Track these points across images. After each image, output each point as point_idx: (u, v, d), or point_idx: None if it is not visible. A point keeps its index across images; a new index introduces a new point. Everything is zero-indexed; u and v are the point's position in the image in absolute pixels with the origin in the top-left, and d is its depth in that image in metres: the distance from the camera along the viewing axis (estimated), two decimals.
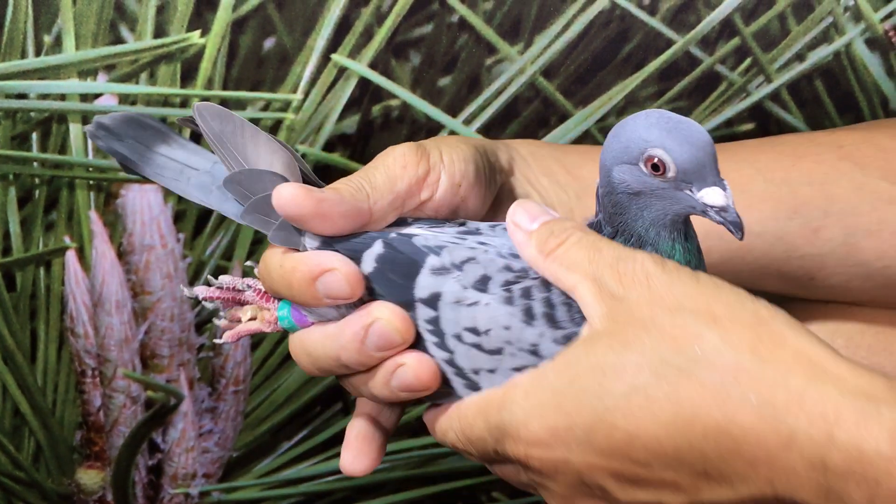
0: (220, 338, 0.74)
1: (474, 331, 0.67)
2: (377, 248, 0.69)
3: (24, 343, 1.11)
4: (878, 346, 0.81)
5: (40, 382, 1.12)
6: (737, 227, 0.65)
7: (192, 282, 1.11)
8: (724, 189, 0.65)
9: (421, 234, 0.70)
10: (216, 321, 0.74)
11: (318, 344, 0.70)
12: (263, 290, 0.73)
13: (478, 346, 0.68)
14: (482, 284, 0.67)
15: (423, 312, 0.68)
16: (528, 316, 0.67)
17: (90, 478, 1.14)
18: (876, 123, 0.85)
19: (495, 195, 0.74)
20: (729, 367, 0.60)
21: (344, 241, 0.70)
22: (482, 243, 0.69)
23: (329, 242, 0.70)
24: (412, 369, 0.67)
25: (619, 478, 0.63)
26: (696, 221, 0.70)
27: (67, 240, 1.10)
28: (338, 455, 1.15)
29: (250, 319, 0.73)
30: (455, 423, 0.69)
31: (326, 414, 1.15)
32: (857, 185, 0.79)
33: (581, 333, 0.65)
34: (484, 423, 0.66)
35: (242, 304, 0.74)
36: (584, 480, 0.64)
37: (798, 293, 0.82)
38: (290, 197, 0.67)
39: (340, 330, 0.69)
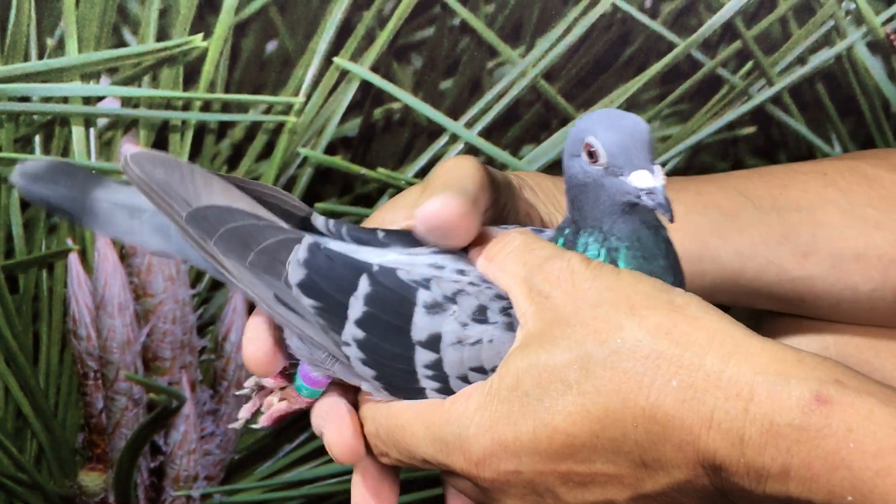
0: (258, 425, 0.73)
1: (480, 370, 0.67)
2: (363, 286, 0.67)
3: (26, 345, 1.11)
4: (865, 345, 0.84)
5: (42, 384, 1.12)
6: (664, 209, 0.65)
7: (193, 284, 1.11)
8: (653, 172, 0.65)
9: (399, 265, 0.68)
10: (237, 423, 0.73)
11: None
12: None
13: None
14: (481, 315, 0.67)
15: (423, 356, 0.67)
16: None
17: (92, 480, 1.14)
18: (859, 154, 0.88)
19: (506, 217, 0.76)
20: (650, 355, 0.62)
21: (330, 273, 0.67)
22: (460, 271, 0.68)
23: (311, 279, 0.66)
24: (329, 443, 0.70)
25: (567, 481, 0.65)
26: (688, 245, 0.72)
27: (70, 242, 1.10)
28: None
29: (281, 400, 0.72)
30: (382, 419, 0.69)
31: None
32: (843, 211, 0.82)
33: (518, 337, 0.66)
34: (424, 432, 0.67)
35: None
36: (536, 489, 0.65)
37: (791, 312, 0.84)
38: (442, 206, 0.67)
39: (314, 416, 0.72)
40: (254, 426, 0.72)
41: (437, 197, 0.67)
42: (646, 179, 0.65)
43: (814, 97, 1.12)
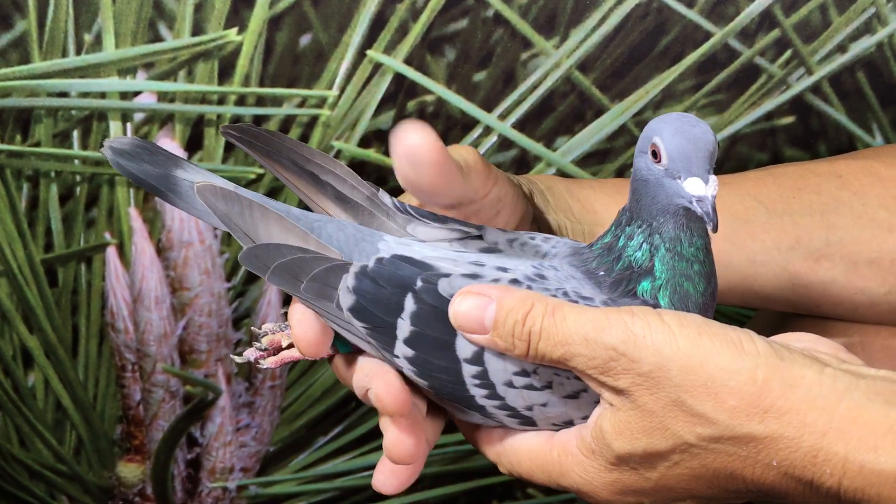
0: (262, 364, 0.74)
1: (523, 373, 0.69)
2: (409, 305, 0.69)
3: (65, 338, 1.12)
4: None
5: (81, 377, 1.13)
6: (709, 219, 0.67)
7: (228, 277, 1.12)
8: (706, 182, 0.67)
9: (444, 273, 0.70)
10: (249, 354, 0.74)
11: (341, 371, 0.73)
12: None
13: (529, 387, 0.69)
14: None
15: (469, 370, 0.69)
16: None
17: (130, 471, 1.15)
18: (873, 151, 0.87)
19: (519, 220, 0.77)
20: (750, 441, 0.66)
21: (377, 298, 0.70)
22: (501, 268, 0.70)
23: (360, 304, 0.69)
24: (378, 396, 0.70)
25: (698, 499, 0.70)
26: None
27: (108, 236, 1.11)
28: (373, 450, 1.15)
29: (290, 346, 0.74)
30: (505, 459, 0.72)
31: (362, 409, 1.15)
32: (856, 214, 0.82)
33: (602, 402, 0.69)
34: (540, 475, 0.70)
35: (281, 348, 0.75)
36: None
37: (810, 315, 0.85)
38: (419, 136, 0.68)
39: (351, 375, 0.72)
40: (259, 365, 0.73)
41: (414, 128, 0.68)
42: (698, 187, 0.67)
43: (854, 86, 1.10)
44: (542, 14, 1.08)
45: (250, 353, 0.74)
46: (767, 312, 0.88)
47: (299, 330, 0.71)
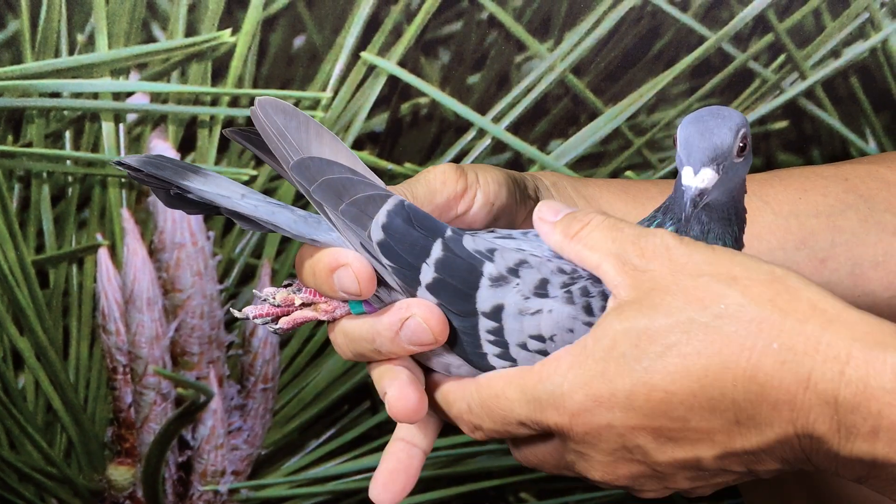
0: (274, 327, 0.74)
1: (539, 338, 0.70)
2: (436, 251, 0.71)
3: (56, 340, 1.12)
4: None
5: (72, 379, 1.13)
6: (682, 209, 0.68)
7: (221, 279, 1.12)
8: (696, 172, 0.68)
9: (470, 232, 0.72)
10: (249, 311, 0.74)
11: (356, 327, 0.73)
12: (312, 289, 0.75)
13: (542, 353, 0.70)
14: (542, 289, 0.70)
15: (486, 324, 0.70)
16: (589, 313, 0.70)
17: (121, 474, 1.15)
18: (880, 157, 0.88)
19: (524, 220, 0.78)
20: (752, 320, 0.65)
21: (405, 238, 0.71)
22: (519, 249, 0.72)
23: (389, 242, 0.71)
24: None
25: (659, 437, 0.67)
26: None
27: (100, 237, 1.11)
28: (366, 453, 1.15)
29: (305, 306, 0.74)
30: (473, 393, 0.71)
31: (354, 412, 1.15)
32: (862, 217, 0.83)
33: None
34: (518, 394, 0.70)
35: (290, 311, 0.75)
36: (626, 444, 0.68)
37: None
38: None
39: (379, 317, 0.72)
40: (272, 328, 0.74)
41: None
42: (688, 176, 0.68)
43: (848, 91, 1.10)
44: (537, 17, 1.08)
45: (250, 311, 0.74)
46: None
47: (358, 265, 0.71)
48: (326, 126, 1.08)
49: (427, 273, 0.71)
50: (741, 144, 0.69)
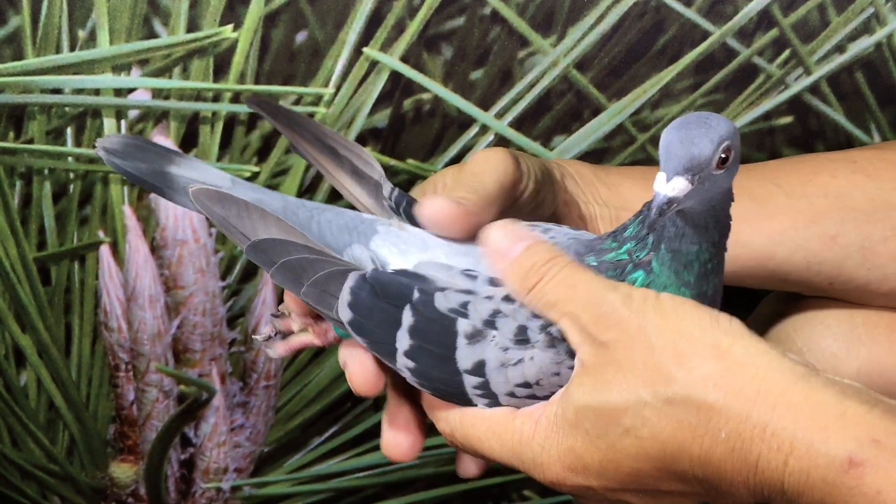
0: (272, 351, 0.76)
1: (526, 385, 0.71)
2: (406, 319, 0.70)
3: (58, 337, 1.12)
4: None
5: (74, 376, 1.13)
6: (650, 217, 0.68)
7: (223, 276, 1.11)
8: (668, 180, 0.67)
9: (439, 286, 0.71)
10: (257, 337, 0.76)
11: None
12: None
13: (532, 396, 0.71)
14: (522, 335, 0.70)
15: (471, 380, 0.71)
16: (571, 355, 0.70)
17: (123, 471, 1.14)
18: (888, 143, 0.91)
19: (552, 208, 0.80)
20: (700, 408, 0.67)
21: (373, 313, 0.71)
22: (493, 281, 0.71)
23: (359, 321, 0.71)
24: (352, 379, 0.74)
25: (638, 492, 0.71)
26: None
27: (101, 234, 1.10)
28: (368, 451, 1.15)
29: (301, 331, 0.75)
30: (457, 425, 0.73)
31: (357, 410, 1.14)
32: (870, 196, 0.85)
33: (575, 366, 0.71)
34: (500, 448, 0.72)
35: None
36: (610, 498, 0.72)
37: (821, 295, 0.88)
38: (438, 210, 0.73)
39: (341, 352, 0.75)
40: (269, 353, 0.76)
41: (434, 200, 0.73)
42: (660, 183, 0.67)
43: (853, 86, 1.10)
44: (540, 12, 1.08)
45: (269, 331, 0.76)
46: (776, 295, 0.91)
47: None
48: (329, 123, 1.09)
49: (402, 341, 0.71)
50: (723, 156, 0.67)
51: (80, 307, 1.11)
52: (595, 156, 1.10)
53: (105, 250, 1.10)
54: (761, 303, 0.94)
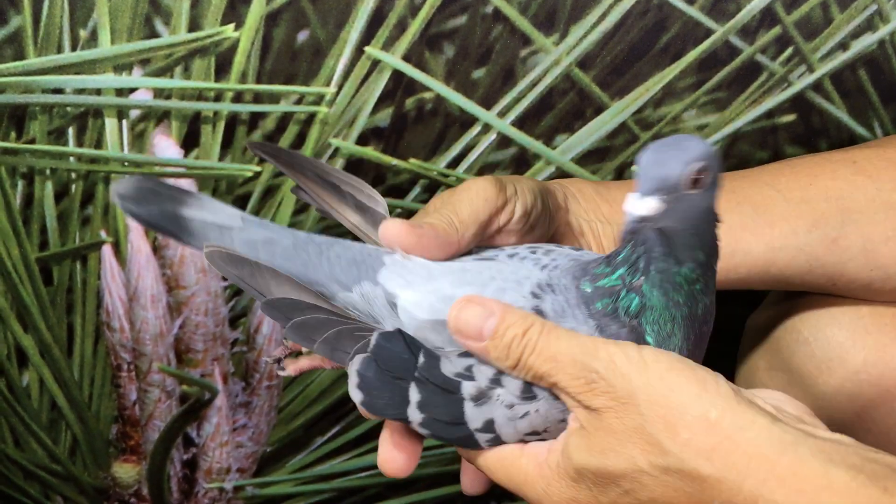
0: (282, 369, 0.79)
1: (534, 433, 0.74)
2: (414, 396, 0.73)
3: (60, 337, 1.12)
4: None
5: (77, 376, 1.13)
6: (627, 229, 0.69)
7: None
8: (638, 199, 0.69)
9: (443, 353, 0.73)
10: (268, 358, 0.80)
11: None
12: None
13: (542, 440, 0.74)
14: (526, 392, 0.73)
15: (483, 437, 0.74)
16: None
17: (126, 471, 1.14)
18: (888, 139, 0.90)
19: (555, 229, 0.82)
20: (695, 479, 0.69)
21: (382, 392, 0.73)
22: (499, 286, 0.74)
23: (370, 402, 0.73)
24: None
25: None
26: (721, 242, 0.74)
27: (103, 234, 1.10)
28: (370, 451, 1.15)
29: (309, 353, 0.78)
30: (470, 456, 0.77)
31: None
32: (870, 197, 0.86)
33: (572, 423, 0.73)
34: (506, 480, 0.75)
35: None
36: None
37: (824, 293, 0.89)
38: (396, 232, 0.75)
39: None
40: (280, 372, 0.79)
41: (392, 222, 0.75)
42: (631, 201, 0.69)
43: (856, 84, 1.09)
44: (542, 10, 1.08)
45: (280, 352, 0.79)
46: (778, 292, 0.92)
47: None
48: (330, 122, 1.08)
49: (414, 415, 0.73)
50: (695, 178, 0.69)
51: (83, 307, 1.11)
52: (598, 154, 1.10)
53: (107, 250, 1.10)
54: (768, 295, 0.95)
